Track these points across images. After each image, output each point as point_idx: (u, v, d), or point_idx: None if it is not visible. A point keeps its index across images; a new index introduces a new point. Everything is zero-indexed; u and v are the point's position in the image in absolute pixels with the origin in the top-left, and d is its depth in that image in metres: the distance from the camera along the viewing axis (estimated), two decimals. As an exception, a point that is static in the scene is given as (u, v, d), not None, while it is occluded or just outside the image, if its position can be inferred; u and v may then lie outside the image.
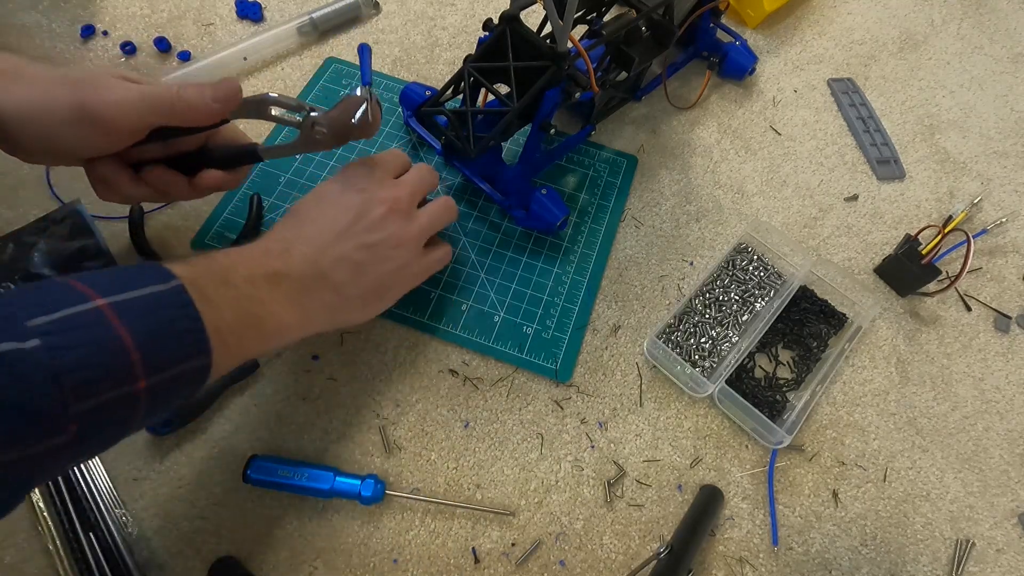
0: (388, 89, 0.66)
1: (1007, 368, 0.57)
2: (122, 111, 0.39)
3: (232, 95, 0.42)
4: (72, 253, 0.51)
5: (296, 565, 0.44)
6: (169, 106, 0.40)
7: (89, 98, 0.38)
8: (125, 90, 0.39)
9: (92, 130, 0.39)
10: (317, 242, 0.42)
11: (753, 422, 0.50)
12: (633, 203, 0.62)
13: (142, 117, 0.40)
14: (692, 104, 0.69)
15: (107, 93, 0.38)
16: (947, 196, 0.66)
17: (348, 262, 0.43)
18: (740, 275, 0.58)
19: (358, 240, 0.43)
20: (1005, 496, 0.51)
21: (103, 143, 0.40)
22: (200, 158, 0.46)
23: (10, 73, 0.38)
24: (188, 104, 0.41)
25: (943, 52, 0.77)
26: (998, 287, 0.61)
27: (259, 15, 0.70)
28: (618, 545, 0.47)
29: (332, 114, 0.44)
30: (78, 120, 0.38)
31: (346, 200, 0.45)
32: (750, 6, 0.75)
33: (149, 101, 0.40)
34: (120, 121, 0.39)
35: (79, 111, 0.38)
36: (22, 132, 0.38)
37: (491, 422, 0.50)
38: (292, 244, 0.42)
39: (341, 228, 0.43)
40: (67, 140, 0.39)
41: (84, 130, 0.39)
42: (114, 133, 0.40)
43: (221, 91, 0.42)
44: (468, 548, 0.45)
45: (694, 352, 0.54)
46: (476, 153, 0.52)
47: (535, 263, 0.57)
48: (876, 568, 0.47)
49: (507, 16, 0.51)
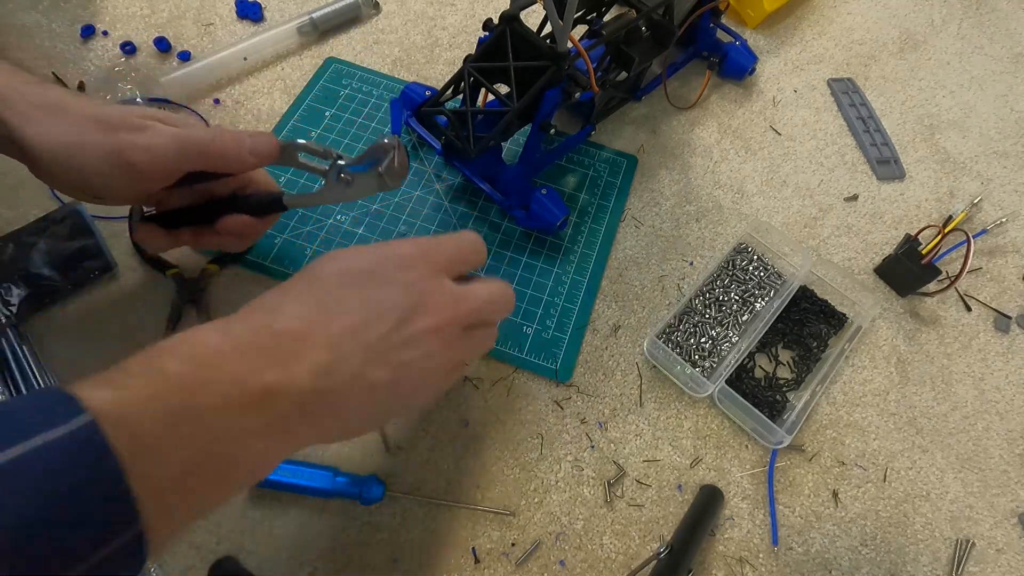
0: (388, 89, 0.66)
1: (1007, 368, 0.57)
2: (155, 158, 0.39)
3: (270, 152, 0.42)
4: (72, 253, 0.51)
5: (296, 565, 0.44)
6: (202, 154, 0.40)
7: (124, 143, 0.38)
8: (159, 136, 0.39)
9: (125, 175, 0.39)
10: (339, 348, 0.31)
11: (753, 422, 0.50)
12: (633, 203, 0.62)
13: (175, 164, 0.40)
14: (692, 104, 0.69)
15: (142, 139, 0.38)
16: (947, 196, 0.66)
17: (366, 384, 0.32)
18: (740, 275, 0.58)
19: (389, 357, 0.33)
20: (1005, 496, 0.51)
21: (135, 187, 0.40)
22: (228, 204, 0.45)
23: (52, 107, 0.38)
24: (222, 153, 0.40)
25: (943, 52, 0.77)
26: (998, 287, 0.61)
27: (259, 15, 0.70)
28: (618, 545, 0.47)
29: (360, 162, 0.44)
30: (112, 165, 0.38)
31: (391, 295, 0.34)
32: (750, 6, 0.75)
33: (183, 148, 0.39)
34: (153, 168, 0.39)
35: (114, 156, 0.38)
36: (57, 168, 0.38)
37: (491, 422, 0.50)
38: (305, 342, 0.31)
39: (374, 336, 0.33)
40: (99, 181, 0.39)
41: (117, 174, 0.38)
42: (146, 179, 0.40)
43: (260, 146, 0.41)
44: (468, 548, 0.45)
45: (694, 352, 0.54)
46: (476, 153, 0.52)
47: (535, 263, 0.57)
48: (876, 568, 0.48)
49: (507, 16, 0.51)
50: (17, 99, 0.37)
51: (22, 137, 0.37)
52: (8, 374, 0.46)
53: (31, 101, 0.38)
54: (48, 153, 0.37)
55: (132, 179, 0.39)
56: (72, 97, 0.39)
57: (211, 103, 0.63)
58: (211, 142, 0.40)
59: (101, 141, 0.37)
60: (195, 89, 0.63)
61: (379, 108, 0.64)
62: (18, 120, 0.37)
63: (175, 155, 0.39)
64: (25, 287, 0.49)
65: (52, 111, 0.38)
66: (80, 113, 0.38)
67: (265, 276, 0.54)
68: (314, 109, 0.63)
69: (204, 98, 0.63)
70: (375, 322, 0.33)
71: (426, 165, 0.61)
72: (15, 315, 0.48)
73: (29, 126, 0.37)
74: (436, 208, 0.59)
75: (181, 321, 0.50)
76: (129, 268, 0.53)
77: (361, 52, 0.69)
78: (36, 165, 0.38)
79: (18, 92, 0.38)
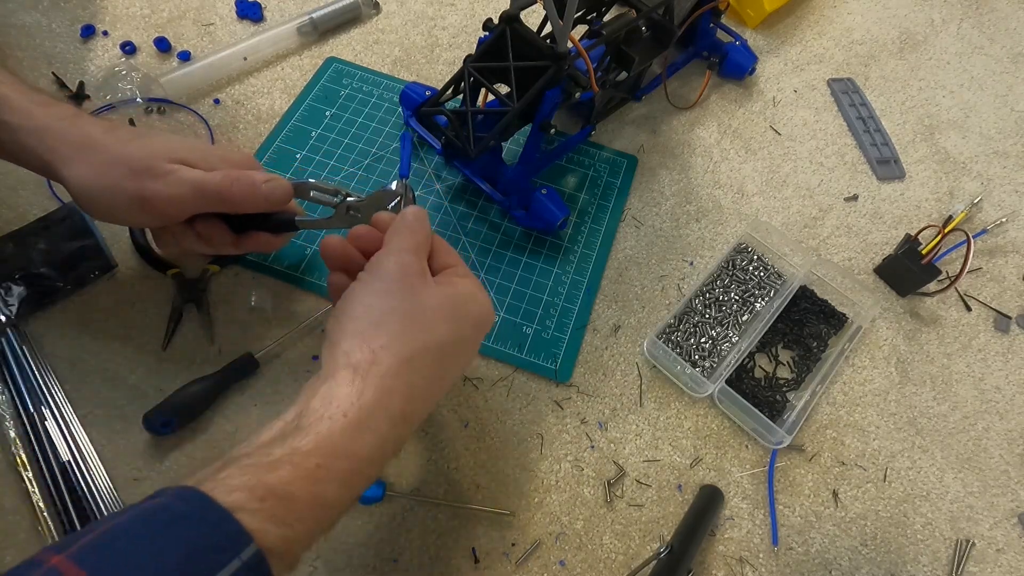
0: (388, 89, 0.66)
1: (1007, 368, 0.57)
2: (175, 205, 0.43)
3: (284, 197, 0.45)
4: (72, 253, 0.51)
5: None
6: (220, 200, 0.44)
7: (147, 192, 0.41)
8: (180, 185, 0.42)
9: (148, 214, 0.43)
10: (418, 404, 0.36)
11: (753, 422, 0.50)
12: (633, 203, 0.62)
13: (193, 208, 0.44)
14: (692, 104, 0.69)
15: (163, 188, 0.42)
16: (947, 196, 0.66)
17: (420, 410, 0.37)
18: (740, 275, 0.58)
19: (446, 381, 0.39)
20: (1005, 496, 0.51)
21: (157, 222, 0.45)
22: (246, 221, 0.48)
23: (86, 147, 0.42)
24: (238, 199, 0.44)
25: (943, 52, 0.77)
26: (998, 287, 0.61)
27: (259, 15, 0.70)
28: (618, 545, 0.47)
29: (367, 202, 0.47)
30: (137, 207, 0.42)
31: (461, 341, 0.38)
32: (750, 6, 0.75)
33: (202, 195, 0.43)
34: (174, 211, 0.43)
35: (139, 201, 0.42)
36: (89, 204, 0.43)
37: (491, 422, 0.50)
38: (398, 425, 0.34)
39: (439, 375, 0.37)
40: (126, 216, 0.44)
41: (141, 214, 0.43)
42: (168, 218, 0.44)
43: (274, 192, 0.45)
44: (468, 548, 0.45)
45: (694, 352, 0.54)
46: (476, 153, 0.52)
47: (535, 263, 0.57)
48: (876, 568, 0.48)
49: (507, 16, 0.51)
50: (56, 140, 0.42)
51: (61, 176, 0.42)
52: (8, 374, 0.46)
53: (68, 140, 0.42)
54: (84, 192, 0.42)
55: (155, 218, 0.44)
56: (106, 134, 0.43)
57: (211, 103, 0.63)
58: (229, 189, 0.43)
59: (127, 187, 0.41)
60: (195, 89, 0.63)
61: (379, 108, 0.64)
62: (58, 162, 0.41)
63: (193, 201, 0.43)
64: (25, 287, 0.49)
65: (86, 151, 0.42)
66: (111, 155, 0.42)
67: (265, 276, 0.54)
68: (314, 109, 0.63)
69: (204, 98, 0.63)
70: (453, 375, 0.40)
71: (426, 165, 0.61)
72: (15, 315, 0.48)
73: (66, 167, 0.41)
74: (436, 208, 0.59)
75: (181, 321, 0.50)
76: (129, 268, 0.53)
77: (361, 52, 0.69)
78: (75, 198, 0.43)
79: (57, 133, 0.42)
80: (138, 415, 0.45)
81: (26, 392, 0.46)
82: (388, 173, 0.60)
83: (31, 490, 0.43)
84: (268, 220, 0.48)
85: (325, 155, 0.61)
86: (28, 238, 0.51)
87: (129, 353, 0.49)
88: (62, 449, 0.44)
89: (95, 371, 0.48)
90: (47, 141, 0.41)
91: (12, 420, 0.45)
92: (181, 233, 0.46)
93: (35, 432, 0.45)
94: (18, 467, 0.44)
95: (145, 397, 0.47)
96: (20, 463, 0.44)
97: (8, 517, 0.43)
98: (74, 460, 0.44)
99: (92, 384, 0.48)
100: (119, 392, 0.48)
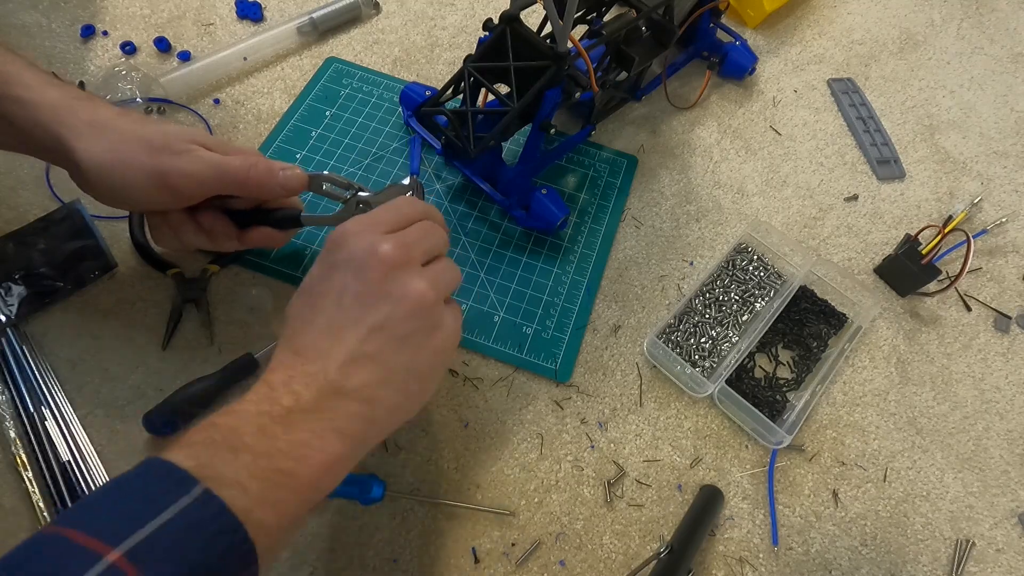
0: (388, 89, 0.66)
1: (1007, 368, 0.57)
2: (194, 182, 0.42)
3: (300, 186, 0.46)
4: (72, 253, 0.51)
5: (296, 565, 0.44)
6: (237, 183, 0.44)
7: (166, 167, 0.41)
8: (199, 163, 0.42)
9: (163, 193, 0.42)
10: (314, 353, 0.35)
11: (753, 422, 0.50)
12: (633, 203, 0.62)
13: (211, 189, 0.44)
14: (692, 104, 0.69)
15: (182, 163, 0.41)
16: (947, 196, 0.66)
17: (357, 361, 0.35)
18: (740, 275, 0.58)
19: (361, 328, 0.35)
20: (1005, 496, 0.51)
21: (170, 202, 0.44)
22: (250, 215, 0.48)
23: (101, 125, 0.41)
24: (256, 184, 0.44)
25: (943, 52, 0.77)
26: (998, 287, 0.61)
27: (259, 15, 0.70)
28: (618, 545, 0.47)
29: (378, 197, 0.47)
30: (153, 184, 0.41)
31: (334, 283, 0.37)
32: (750, 6, 0.75)
33: (221, 176, 0.43)
34: (191, 190, 0.43)
35: (155, 177, 0.41)
36: (101, 182, 0.41)
37: (491, 422, 0.50)
38: (294, 368, 0.35)
39: (337, 322, 0.36)
40: (138, 196, 0.43)
41: (156, 192, 0.42)
42: (182, 199, 0.44)
43: (291, 180, 0.45)
44: (468, 548, 0.45)
45: (694, 352, 0.54)
46: (476, 153, 0.52)
47: (535, 263, 0.57)
48: (876, 568, 0.48)
49: (507, 16, 0.51)
50: (69, 115, 0.41)
51: (72, 150, 0.40)
52: (8, 374, 0.46)
53: (82, 117, 0.41)
54: (95, 168, 0.40)
55: (169, 197, 0.43)
56: (120, 116, 0.42)
57: (211, 103, 0.63)
58: (247, 173, 0.43)
59: (144, 162, 0.41)
60: (195, 89, 0.63)
61: (379, 108, 0.64)
62: (69, 134, 0.40)
63: (212, 181, 0.43)
64: (25, 287, 0.49)
65: (101, 128, 0.41)
66: (127, 132, 0.41)
67: (265, 276, 0.54)
68: (314, 109, 0.63)
69: (204, 98, 0.63)
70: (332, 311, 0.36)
71: (426, 165, 0.61)
72: (15, 315, 0.48)
73: (79, 141, 0.40)
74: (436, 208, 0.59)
75: (181, 321, 0.50)
76: (129, 268, 0.53)
77: (361, 52, 0.69)
78: (82, 177, 0.41)
79: (71, 108, 0.41)
80: (138, 415, 0.45)
81: (26, 392, 0.46)
82: (388, 173, 0.60)
83: (31, 490, 0.43)
84: (272, 215, 0.48)
85: (325, 155, 0.61)
86: (28, 238, 0.51)
87: (129, 353, 0.49)
88: (62, 449, 0.44)
89: (95, 371, 0.48)
90: (61, 115, 0.41)
91: (12, 420, 0.45)
92: (181, 226, 0.46)
93: (35, 432, 0.45)
94: (18, 467, 0.44)
95: (145, 397, 0.47)
96: (20, 463, 0.44)
97: (8, 517, 0.43)
98: (74, 460, 0.44)
99: (92, 384, 0.48)
100: (119, 392, 0.48)
